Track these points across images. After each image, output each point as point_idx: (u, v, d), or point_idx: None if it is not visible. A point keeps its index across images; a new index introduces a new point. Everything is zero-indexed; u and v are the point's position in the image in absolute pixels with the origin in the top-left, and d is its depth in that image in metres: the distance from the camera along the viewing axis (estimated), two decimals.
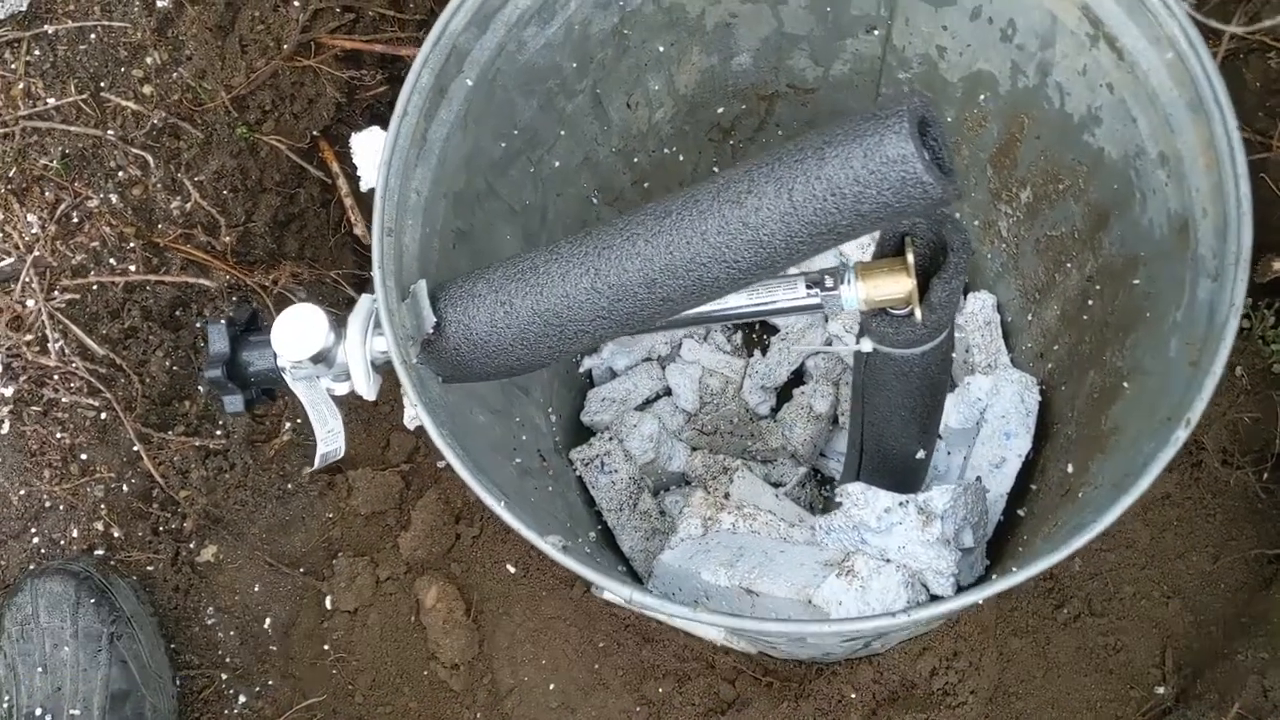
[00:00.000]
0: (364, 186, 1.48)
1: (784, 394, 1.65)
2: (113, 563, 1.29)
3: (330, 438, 1.12)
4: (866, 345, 1.01)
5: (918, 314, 0.94)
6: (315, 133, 1.48)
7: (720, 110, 1.50)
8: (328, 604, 1.47)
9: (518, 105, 1.20)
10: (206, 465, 1.39)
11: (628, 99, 1.38)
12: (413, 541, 1.49)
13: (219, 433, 1.42)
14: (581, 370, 1.64)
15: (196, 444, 1.38)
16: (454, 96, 1.09)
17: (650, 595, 0.86)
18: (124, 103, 1.32)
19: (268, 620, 1.42)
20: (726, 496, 1.49)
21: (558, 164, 1.34)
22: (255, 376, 1.07)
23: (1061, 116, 1.19)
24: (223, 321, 1.06)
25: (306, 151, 1.48)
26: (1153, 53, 1.01)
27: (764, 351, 1.66)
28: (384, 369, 1.06)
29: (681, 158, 1.56)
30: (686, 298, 0.90)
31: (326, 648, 1.46)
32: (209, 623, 1.37)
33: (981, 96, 1.29)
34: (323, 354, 1.03)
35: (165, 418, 1.37)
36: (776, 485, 1.57)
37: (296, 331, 1.03)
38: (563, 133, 1.31)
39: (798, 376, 1.65)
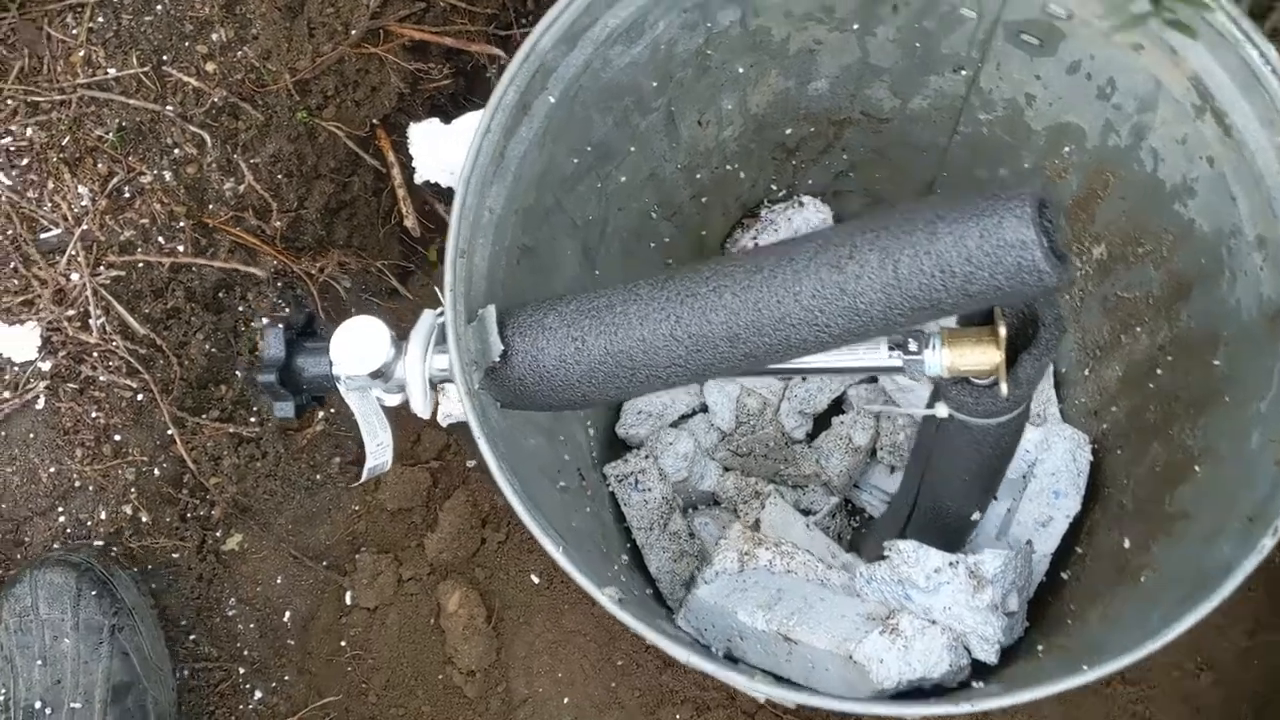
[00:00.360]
0: (418, 178, 1.46)
1: (822, 419, 1.62)
2: (114, 553, 1.26)
3: (379, 450, 1.09)
4: (942, 411, 0.98)
5: (1004, 389, 0.91)
6: (375, 121, 1.44)
7: (788, 131, 1.47)
8: (348, 599, 1.45)
9: (594, 122, 1.17)
10: (238, 453, 1.36)
11: (700, 117, 1.34)
12: (439, 544, 1.46)
13: (253, 419, 1.39)
14: None
15: (230, 431, 1.35)
16: (536, 114, 1.05)
17: (710, 660, 0.84)
18: (185, 79, 1.29)
19: (287, 614, 1.40)
20: (757, 524, 1.47)
21: (624, 179, 1.30)
22: (308, 383, 1.05)
23: (1152, 181, 1.16)
24: (280, 326, 1.03)
25: (364, 139, 1.44)
26: (1264, 134, 0.97)
27: (804, 375, 1.64)
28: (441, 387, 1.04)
29: (743, 175, 1.53)
30: (769, 355, 0.87)
31: (343, 644, 1.43)
32: (230, 614, 1.35)
33: (1066, 148, 1.25)
34: (382, 370, 1.00)
35: (200, 401, 1.34)
36: (806, 513, 1.55)
37: (357, 345, 1.00)
38: (633, 149, 1.28)
39: (837, 404, 1.62)
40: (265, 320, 1.35)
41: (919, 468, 1.13)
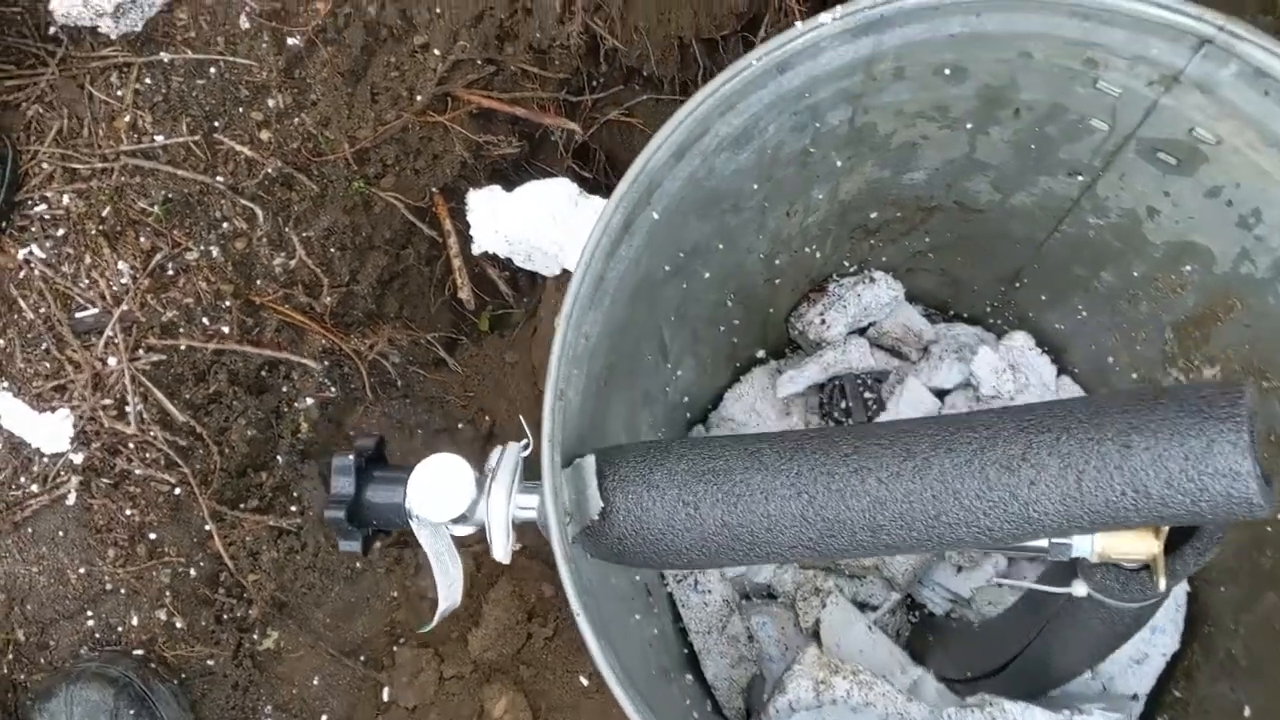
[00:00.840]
0: (476, 249, 1.36)
1: None
2: (153, 665, 1.17)
3: (451, 590, 1.00)
4: (1080, 590, 0.90)
5: (1161, 584, 0.82)
6: (435, 190, 1.34)
7: (873, 215, 1.38)
8: (385, 695, 1.36)
9: (691, 227, 1.08)
10: (278, 545, 1.27)
11: (789, 208, 1.25)
12: (483, 641, 1.38)
13: (293, 509, 1.30)
14: None
15: (270, 523, 1.25)
16: (637, 231, 0.96)
17: None
18: (238, 147, 1.18)
19: (324, 717, 1.31)
20: (817, 624, 1.40)
21: (707, 275, 1.21)
22: (378, 517, 0.95)
23: None
24: (350, 457, 0.93)
25: (420, 208, 1.34)
26: None
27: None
28: (522, 527, 0.95)
29: (818, 255, 1.44)
30: (914, 547, 0.78)
31: None
32: None
33: (1187, 266, 1.17)
34: (464, 515, 0.91)
35: (240, 490, 1.25)
36: (864, 606, 1.48)
37: (437, 487, 0.91)
38: (721, 246, 1.18)
39: None
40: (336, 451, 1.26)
41: (1033, 622, 1.04)
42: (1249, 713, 1.06)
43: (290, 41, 1.18)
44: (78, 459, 1.14)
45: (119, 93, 1.16)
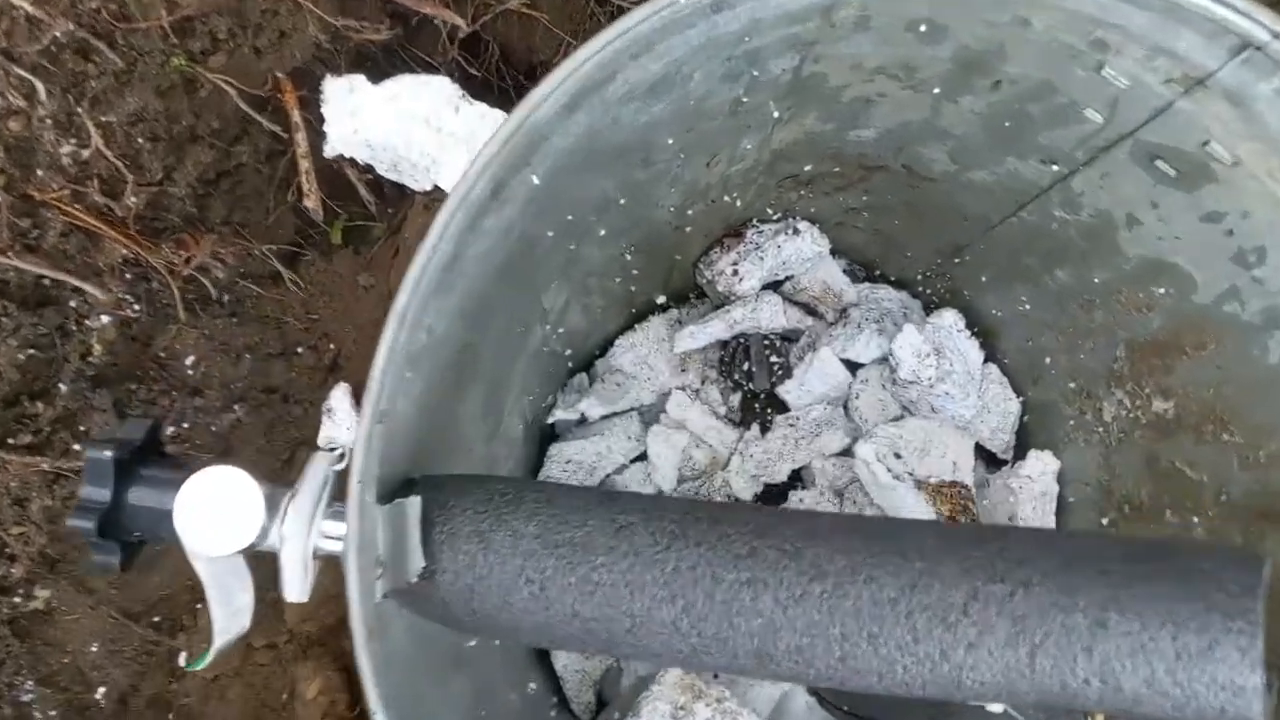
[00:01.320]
0: (328, 151, 1.13)
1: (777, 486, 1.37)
2: None
3: (235, 619, 0.80)
4: (996, 708, 0.74)
5: None
6: (280, 74, 1.08)
7: (808, 168, 1.17)
8: (181, 662, 1.18)
9: (586, 186, 0.86)
10: (53, 491, 1.05)
11: (710, 159, 1.04)
12: (301, 610, 1.19)
13: (77, 446, 1.07)
14: (549, 421, 1.32)
15: (44, 466, 1.03)
16: (510, 200, 0.74)
17: None
18: (16, 1, 0.91)
19: (101, 690, 1.12)
20: None
21: (604, 233, 1.00)
22: (141, 526, 0.75)
23: (1269, 372, 0.91)
24: (107, 454, 0.72)
25: (260, 97, 1.09)
26: None
27: (764, 429, 1.38)
28: (325, 558, 0.76)
29: (739, 203, 1.24)
30: (811, 683, 0.61)
31: (171, 718, 1.17)
32: (24, 699, 1.06)
33: (1160, 288, 1.00)
34: (252, 547, 0.71)
35: (7, 425, 1.02)
36: None
37: (213, 514, 0.71)
38: (623, 201, 0.97)
39: (795, 473, 1.38)
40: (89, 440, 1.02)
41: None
42: None
43: None
44: None
45: None
